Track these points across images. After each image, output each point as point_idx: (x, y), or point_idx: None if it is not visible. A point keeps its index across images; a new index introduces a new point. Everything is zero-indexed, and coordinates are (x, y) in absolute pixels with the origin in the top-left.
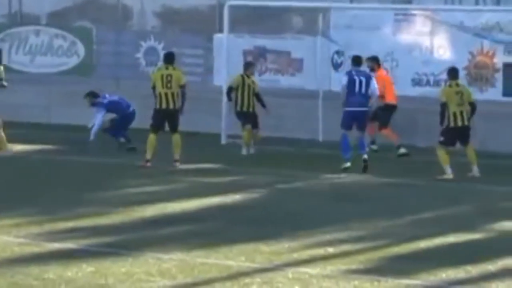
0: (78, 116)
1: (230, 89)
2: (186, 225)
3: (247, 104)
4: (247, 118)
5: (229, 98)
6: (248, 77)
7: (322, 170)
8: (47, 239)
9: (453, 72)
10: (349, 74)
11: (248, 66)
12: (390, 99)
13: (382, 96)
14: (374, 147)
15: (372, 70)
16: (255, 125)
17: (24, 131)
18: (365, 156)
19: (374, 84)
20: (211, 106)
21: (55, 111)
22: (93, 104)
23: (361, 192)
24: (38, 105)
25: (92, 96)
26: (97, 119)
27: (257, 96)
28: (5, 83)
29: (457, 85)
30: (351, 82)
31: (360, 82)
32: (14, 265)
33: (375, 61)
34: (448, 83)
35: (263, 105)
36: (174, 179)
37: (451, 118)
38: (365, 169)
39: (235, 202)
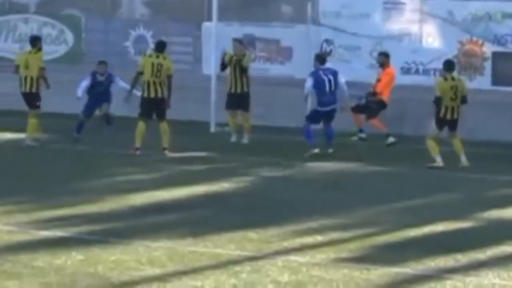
0: (67, 104)
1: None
2: (175, 213)
3: (234, 85)
4: (231, 100)
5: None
6: (236, 56)
7: (311, 159)
8: (36, 227)
9: (448, 65)
10: (315, 74)
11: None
12: (386, 98)
13: (381, 93)
14: (363, 135)
15: (382, 65)
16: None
17: (14, 119)
18: (330, 150)
19: (342, 79)
20: (200, 95)
21: (44, 99)
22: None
23: (350, 180)
24: None
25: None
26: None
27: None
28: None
29: (453, 78)
30: (320, 83)
31: (329, 80)
32: (3, 253)
33: (386, 57)
34: (443, 76)
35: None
36: (163, 167)
37: (442, 111)
38: (326, 156)
39: (224, 190)
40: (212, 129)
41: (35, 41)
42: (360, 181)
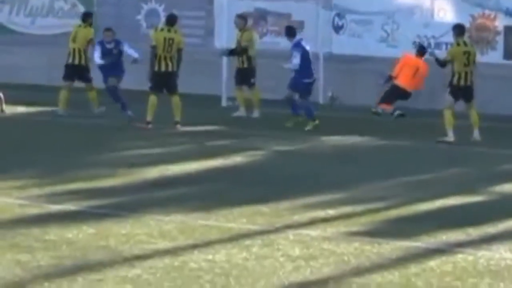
0: None
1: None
2: (186, 187)
3: (238, 60)
4: (236, 76)
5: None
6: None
7: (322, 132)
8: (47, 201)
9: (459, 29)
10: (300, 47)
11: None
12: (402, 83)
13: (396, 76)
14: (380, 110)
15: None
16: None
17: (24, 93)
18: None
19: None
20: (212, 68)
21: (55, 73)
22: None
23: (361, 154)
24: (38, 66)
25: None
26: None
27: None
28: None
29: (465, 44)
30: (306, 55)
31: (309, 51)
32: (15, 226)
33: (419, 48)
34: (455, 41)
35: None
36: (175, 141)
37: (455, 77)
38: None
39: (235, 164)
40: (224, 103)
41: (86, 17)
42: (371, 155)
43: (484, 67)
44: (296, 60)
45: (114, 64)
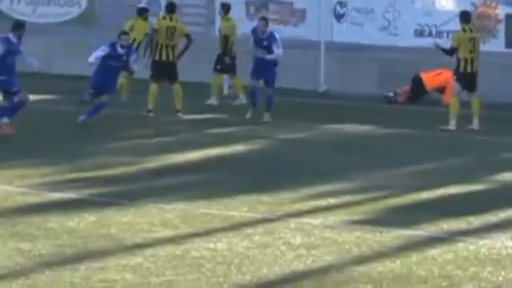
0: (79, 67)
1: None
2: (188, 176)
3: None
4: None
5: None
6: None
7: (323, 121)
8: (49, 189)
9: (465, 16)
10: (277, 37)
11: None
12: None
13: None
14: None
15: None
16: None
17: (25, 81)
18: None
19: None
20: (213, 57)
21: (56, 61)
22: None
23: (363, 142)
24: (39, 55)
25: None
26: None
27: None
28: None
29: (471, 30)
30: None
31: None
32: (16, 214)
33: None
34: (461, 27)
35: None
36: (177, 130)
37: (461, 64)
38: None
39: (237, 153)
40: (225, 91)
41: (142, 11)
42: (372, 143)
43: (485, 55)
44: (280, 51)
45: (112, 76)
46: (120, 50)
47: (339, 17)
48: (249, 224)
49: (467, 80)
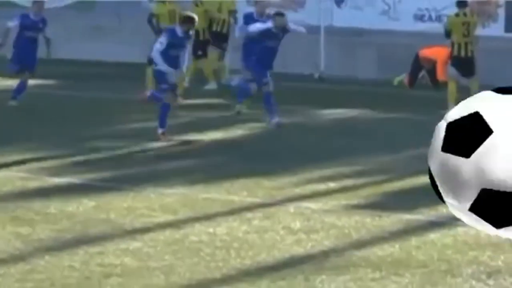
0: (78, 51)
1: None
2: (188, 160)
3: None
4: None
5: None
6: None
7: (323, 105)
8: (49, 174)
9: (460, 2)
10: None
11: None
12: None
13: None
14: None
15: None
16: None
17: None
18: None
19: None
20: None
21: (54, 46)
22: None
23: (362, 127)
24: (40, 40)
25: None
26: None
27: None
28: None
29: (465, 14)
30: None
31: None
32: (16, 199)
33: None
34: (455, 12)
35: None
36: (176, 114)
37: (455, 48)
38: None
39: (237, 137)
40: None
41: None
42: (372, 128)
43: (485, 40)
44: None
45: (32, 50)
46: (33, 17)
47: (339, 2)
48: (249, 209)
49: (463, 65)
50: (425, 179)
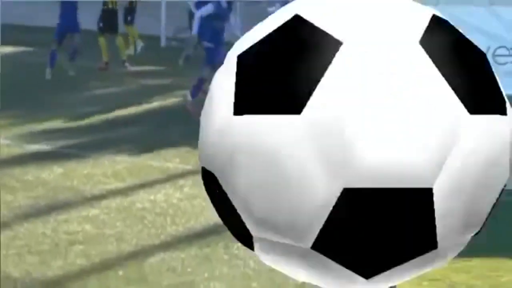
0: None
1: None
2: (140, 127)
3: None
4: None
5: None
6: None
7: None
8: (27, 141)
9: None
10: None
11: None
12: None
13: None
14: None
15: None
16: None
17: (9, 33)
18: None
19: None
20: (152, 8)
21: (40, 14)
22: None
23: None
24: (22, 7)
25: None
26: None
27: None
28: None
29: None
30: None
31: None
32: (2, 166)
33: None
34: None
35: None
36: (126, 81)
37: None
38: None
39: (173, 104)
40: (163, 43)
41: None
42: None
43: None
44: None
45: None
46: None
47: None
48: (181, 176)
49: None
50: None
